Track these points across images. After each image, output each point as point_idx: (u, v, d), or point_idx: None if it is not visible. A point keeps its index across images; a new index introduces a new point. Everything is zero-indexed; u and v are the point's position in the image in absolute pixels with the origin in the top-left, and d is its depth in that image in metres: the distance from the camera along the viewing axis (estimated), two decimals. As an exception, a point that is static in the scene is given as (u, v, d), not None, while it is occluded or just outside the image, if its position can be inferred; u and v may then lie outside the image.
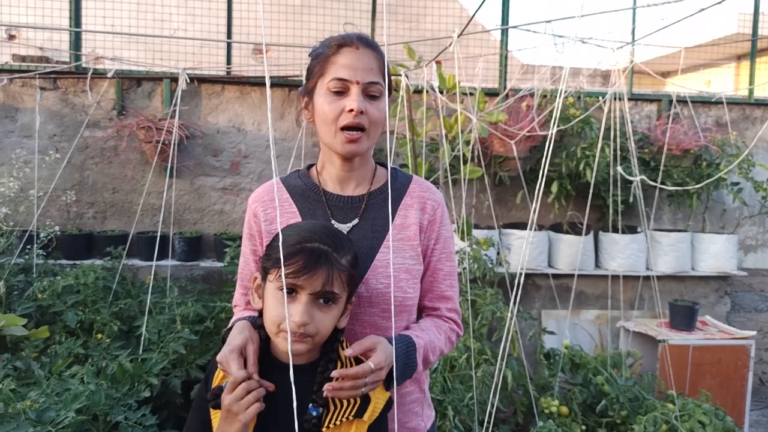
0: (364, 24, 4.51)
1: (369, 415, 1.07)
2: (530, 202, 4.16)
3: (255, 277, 1.17)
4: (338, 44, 1.22)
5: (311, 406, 1.06)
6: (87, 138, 4.17)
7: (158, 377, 2.68)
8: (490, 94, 4.39)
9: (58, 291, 3.19)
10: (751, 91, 4.68)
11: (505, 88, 4.44)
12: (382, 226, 1.28)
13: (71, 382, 2.27)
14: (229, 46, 4.43)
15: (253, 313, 1.27)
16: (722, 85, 6.36)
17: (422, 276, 1.32)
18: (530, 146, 4.19)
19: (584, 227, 3.74)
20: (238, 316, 1.31)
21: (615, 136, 3.65)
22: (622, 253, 4.28)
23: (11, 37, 5.22)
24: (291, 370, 0.87)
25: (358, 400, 1.08)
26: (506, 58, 4.55)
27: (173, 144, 3.62)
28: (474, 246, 3.59)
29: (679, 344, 3.77)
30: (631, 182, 3.84)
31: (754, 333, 3.99)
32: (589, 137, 4.15)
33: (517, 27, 3.17)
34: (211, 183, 4.34)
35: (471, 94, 3.72)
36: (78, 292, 3.27)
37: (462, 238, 3.32)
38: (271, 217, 1.30)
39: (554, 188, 4.20)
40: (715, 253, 4.38)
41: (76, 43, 4.23)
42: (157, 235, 3.62)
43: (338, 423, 1.06)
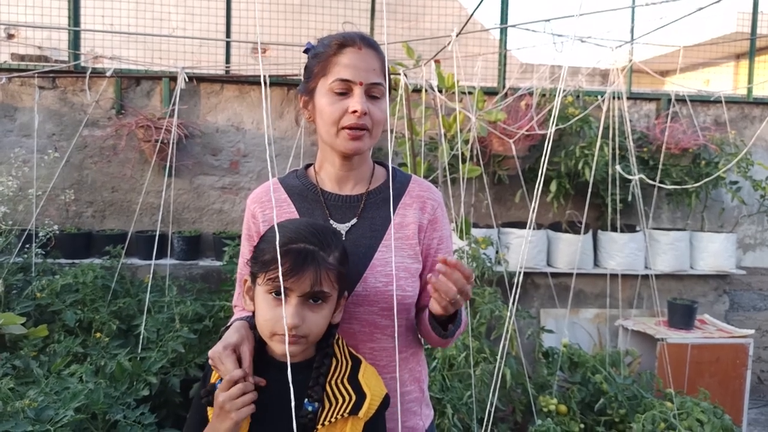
0: (363, 23, 4.51)
1: (365, 412, 1.07)
2: (529, 201, 4.16)
3: (245, 279, 1.17)
4: (340, 44, 1.21)
5: (307, 401, 1.06)
6: (86, 137, 4.17)
7: (157, 376, 2.68)
8: (489, 93, 4.39)
9: (57, 290, 3.19)
10: (749, 90, 4.69)
11: (504, 87, 4.44)
12: (381, 226, 1.27)
13: (70, 381, 2.27)
14: (228, 45, 4.43)
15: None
16: (721, 84, 6.36)
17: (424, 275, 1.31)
18: (529, 145, 4.19)
19: (583, 226, 3.75)
20: (237, 315, 1.31)
21: (614, 135, 3.65)
22: (621, 251, 4.28)
23: (10, 36, 5.22)
24: (289, 371, 0.87)
25: (354, 397, 1.08)
26: (505, 57, 4.55)
27: (172, 143, 3.63)
28: (473, 245, 3.59)
29: (678, 343, 3.77)
30: (630, 181, 3.84)
31: (752, 332, 4.00)
32: (587, 136, 4.15)
33: (516, 26, 3.18)
34: (210, 182, 4.34)
35: (470, 93, 3.72)
36: (77, 291, 3.27)
37: (461, 237, 3.32)
38: (269, 218, 1.29)
39: (553, 187, 4.20)
40: (714, 252, 4.39)
41: (74, 42, 4.22)
42: (156, 234, 3.62)
43: (333, 420, 1.06)
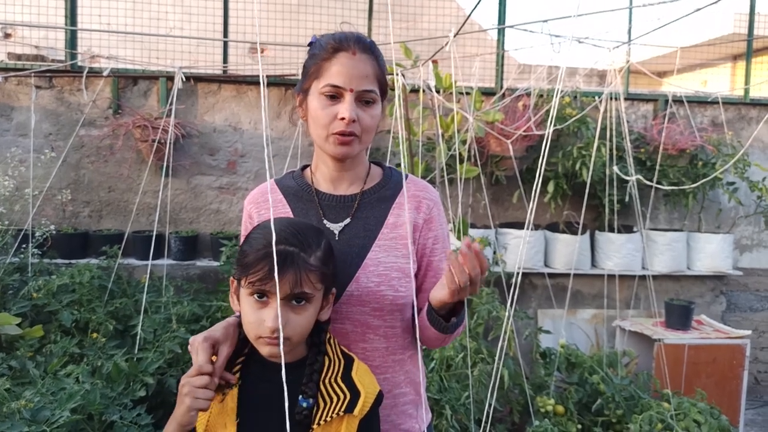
0: (361, 23, 4.50)
1: (359, 410, 1.07)
2: (526, 202, 4.16)
3: (232, 280, 1.17)
4: (335, 47, 1.21)
5: (301, 398, 1.06)
6: (83, 137, 4.16)
7: (154, 376, 2.68)
8: (487, 93, 4.39)
9: (54, 290, 3.18)
10: (746, 91, 4.70)
11: (502, 88, 4.44)
12: (374, 225, 1.27)
13: (66, 382, 2.27)
14: (225, 45, 4.42)
15: None
16: (718, 85, 6.38)
17: (422, 276, 1.30)
18: (527, 146, 4.19)
19: (580, 227, 3.75)
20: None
21: (611, 135, 3.66)
22: (618, 252, 4.29)
23: (7, 35, 5.20)
24: (283, 372, 0.87)
25: (348, 395, 1.08)
26: (503, 57, 4.55)
27: (169, 143, 3.62)
28: (470, 245, 3.59)
29: (675, 343, 3.78)
30: (627, 182, 3.84)
31: (749, 332, 4.01)
32: (585, 137, 4.16)
33: (514, 26, 3.18)
34: (208, 182, 4.34)
35: (467, 93, 3.72)
36: (73, 292, 3.26)
37: (458, 238, 3.32)
38: (264, 218, 1.29)
39: (550, 188, 4.21)
40: (711, 253, 4.39)
41: (71, 41, 4.21)
42: (153, 234, 3.61)
43: (329, 419, 1.06)
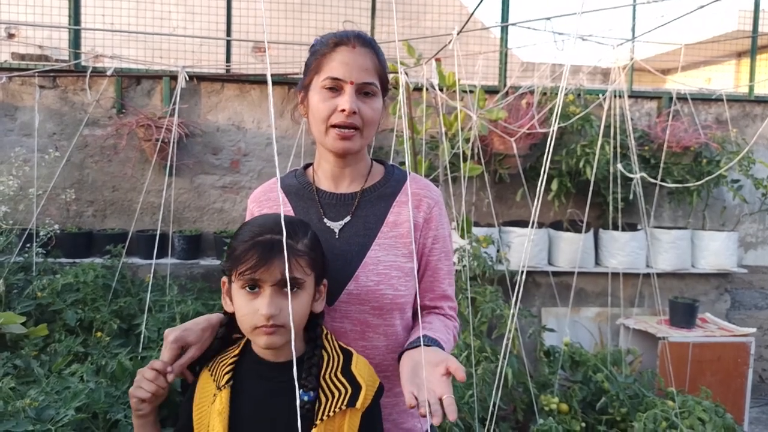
0: (364, 22, 4.50)
1: (361, 403, 1.08)
2: (530, 200, 4.15)
3: (224, 281, 1.17)
4: (335, 42, 1.21)
5: (302, 392, 1.06)
6: (86, 136, 4.17)
7: (158, 375, 2.68)
8: (490, 91, 4.38)
9: (58, 289, 3.19)
10: (751, 88, 4.67)
11: (505, 86, 4.43)
12: (375, 224, 1.27)
13: (71, 381, 2.27)
14: (228, 44, 4.42)
15: None
16: (722, 82, 6.35)
17: (420, 275, 1.30)
18: (530, 144, 4.18)
19: (584, 225, 3.74)
20: None
21: (615, 133, 3.64)
22: (622, 250, 4.28)
23: (10, 35, 5.21)
24: (294, 368, 0.87)
25: (349, 389, 1.09)
26: (506, 55, 4.54)
27: (173, 142, 3.62)
28: (474, 244, 3.59)
29: (679, 341, 3.77)
30: (631, 179, 3.84)
31: (754, 330, 3.99)
32: (589, 135, 4.15)
33: (517, 24, 3.17)
34: (211, 181, 4.34)
35: (471, 91, 3.71)
36: (77, 291, 3.27)
37: (462, 236, 3.32)
38: None
39: (554, 186, 4.20)
40: (715, 251, 4.38)
41: (75, 41, 4.22)
42: (157, 233, 3.62)
43: (332, 414, 1.07)
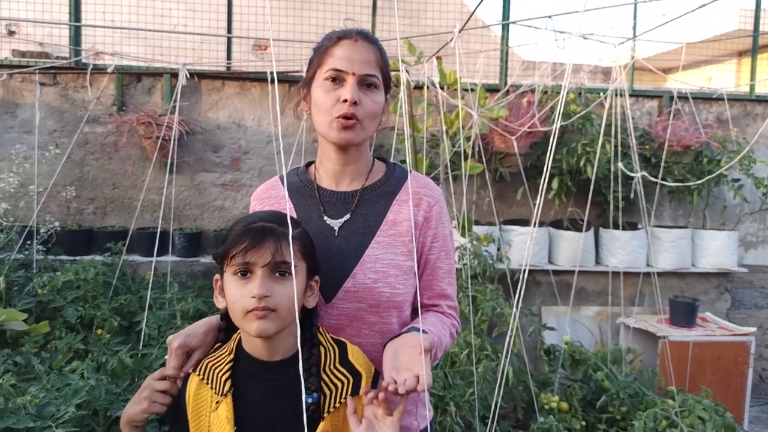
0: (364, 20, 4.50)
1: (363, 391, 1.09)
2: (531, 199, 4.15)
3: (216, 279, 1.17)
4: (338, 37, 1.23)
5: (306, 395, 1.06)
6: (87, 134, 4.16)
7: (158, 373, 2.68)
8: (491, 90, 4.38)
9: (58, 286, 3.19)
10: (752, 88, 4.67)
11: (506, 84, 4.43)
12: (374, 222, 1.27)
13: (71, 378, 2.27)
14: (229, 42, 4.42)
15: None
16: (723, 81, 6.34)
17: (419, 273, 1.30)
18: (531, 142, 4.18)
19: (585, 223, 3.74)
20: None
21: (616, 132, 3.64)
22: (623, 249, 4.27)
23: (11, 32, 5.21)
24: (300, 363, 0.87)
25: (351, 378, 1.10)
26: (507, 54, 4.53)
27: (173, 140, 3.62)
28: (474, 242, 3.59)
29: (680, 340, 3.77)
30: (632, 178, 3.83)
31: (754, 329, 4.00)
32: (589, 133, 4.14)
33: (518, 22, 3.16)
34: (212, 179, 4.34)
35: (472, 90, 3.71)
36: (78, 288, 3.27)
37: (462, 234, 3.32)
38: None
39: (555, 184, 4.20)
40: (716, 250, 4.38)
41: (75, 38, 4.21)
42: (157, 230, 3.62)
43: (338, 405, 1.08)
